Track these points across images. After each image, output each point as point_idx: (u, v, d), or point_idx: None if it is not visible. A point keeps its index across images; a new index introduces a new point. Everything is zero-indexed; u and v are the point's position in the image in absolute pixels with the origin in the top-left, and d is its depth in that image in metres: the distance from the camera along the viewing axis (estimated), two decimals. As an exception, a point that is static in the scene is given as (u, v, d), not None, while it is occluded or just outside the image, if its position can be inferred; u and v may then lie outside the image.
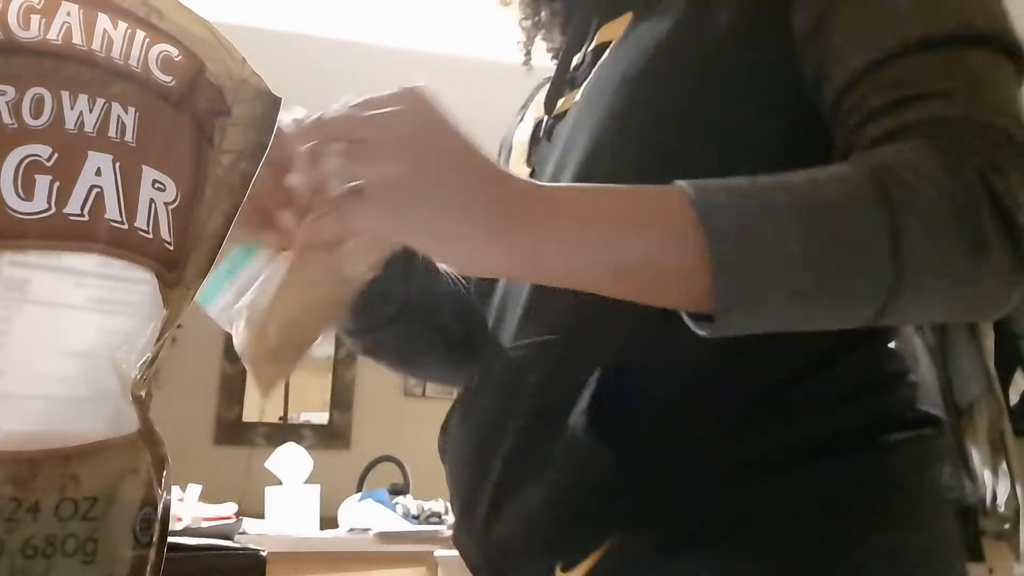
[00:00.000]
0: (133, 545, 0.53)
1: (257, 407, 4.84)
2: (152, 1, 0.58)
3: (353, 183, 0.57)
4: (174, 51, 0.58)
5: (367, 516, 2.66)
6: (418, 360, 1.04)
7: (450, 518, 2.71)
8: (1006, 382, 3.18)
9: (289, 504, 2.67)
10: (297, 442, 2.89)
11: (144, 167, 0.55)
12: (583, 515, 0.73)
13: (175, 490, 1.83)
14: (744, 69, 0.71)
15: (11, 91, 0.51)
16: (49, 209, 0.51)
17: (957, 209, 0.59)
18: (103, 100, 0.54)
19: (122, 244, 0.54)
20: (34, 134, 0.51)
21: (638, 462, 0.70)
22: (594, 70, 0.82)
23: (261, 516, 2.65)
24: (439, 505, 2.78)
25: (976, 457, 3.05)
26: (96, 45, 0.55)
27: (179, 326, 0.60)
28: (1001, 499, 2.99)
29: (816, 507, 0.72)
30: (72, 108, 0.53)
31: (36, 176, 0.51)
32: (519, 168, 0.90)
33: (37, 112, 0.52)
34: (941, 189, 0.58)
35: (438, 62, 2.93)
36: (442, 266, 0.65)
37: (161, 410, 0.66)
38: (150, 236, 0.55)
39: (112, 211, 0.53)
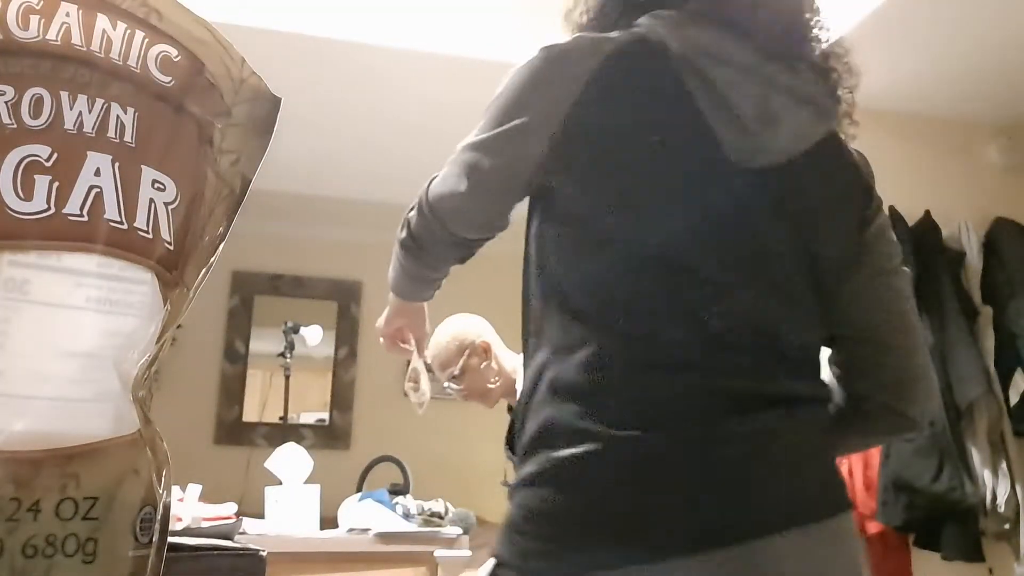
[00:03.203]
0: (133, 545, 0.53)
1: (257, 407, 4.85)
2: (151, 1, 0.57)
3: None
4: (173, 51, 0.58)
5: (367, 516, 2.65)
6: None
7: (450, 518, 2.71)
8: (1006, 382, 3.18)
9: (289, 504, 2.66)
10: (297, 442, 2.88)
11: (144, 167, 0.55)
12: None
13: (175, 490, 1.83)
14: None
15: (10, 91, 0.51)
16: (48, 209, 0.51)
17: None
18: (102, 100, 0.54)
19: (122, 244, 0.54)
20: (33, 134, 0.51)
21: None
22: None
23: (261, 516, 2.64)
24: (439, 505, 2.78)
25: (976, 457, 3.05)
26: (95, 46, 0.54)
27: (179, 326, 0.60)
28: (1001, 499, 2.99)
29: None
30: (71, 108, 0.53)
31: (35, 176, 0.51)
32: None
33: (36, 112, 0.52)
34: None
35: (438, 62, 2.94)
36: None
37: (161, 410, 0.66)
38: (150, 236, 0.55)
39: (111, 211, 0.53)
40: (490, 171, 0.96)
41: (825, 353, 1.04)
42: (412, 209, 1.05)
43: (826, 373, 1.04)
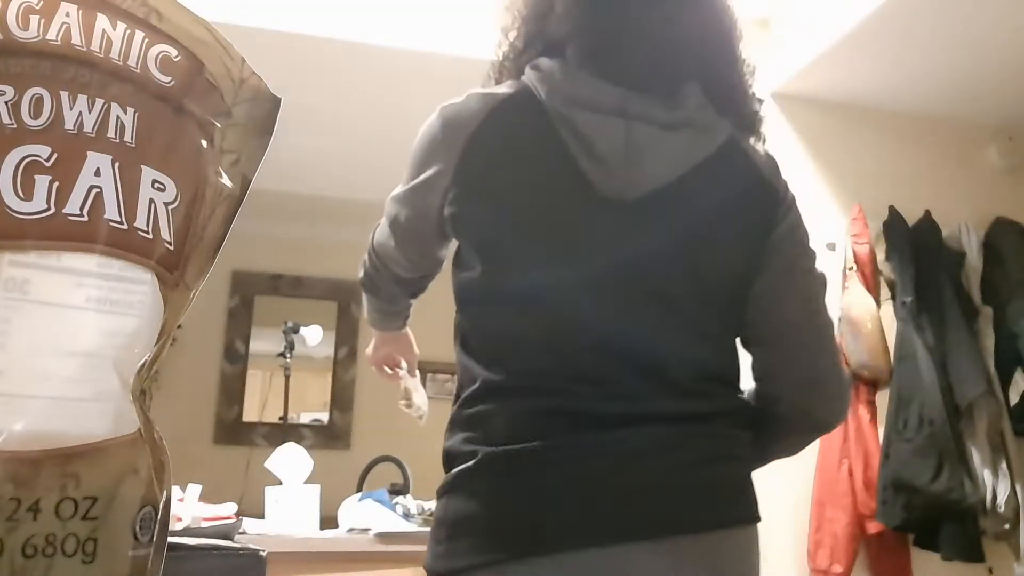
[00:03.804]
0: (133, 545, 0.53)
1: (257, 407, 4.85)
2: (151, 2, 0.58)
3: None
4: (173, 51, 0.58)
5: (367, 516, 2.65)
6: None
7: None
8: (1006, 382, 3.17)
9: (289, 504, 2.66)
10: (297, 442, 2.88)
11: (144, 167, 0.55)
12: None
13: (175, 490, 1.83)
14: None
15: (10, 91, 0.51)
16: (48, 209, 0.51)
17: None
18: (102, 100, 0.54)
19: (122, 244, 0.54)
20: (33, 134, 0.51)
21: None
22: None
23: (261, 516, 2.64)
24: (439, 505, 2.79)
25: (976, 457, 3.06)
26: (95, 46, 0.55)
27: (179, 326, 0.60)
28: (1001, 499, 2.99)
29: None
30: (71, 108, 0.53)
31: (35, 176, 0.51)
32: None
33: (36, 112, 0.52)
34: None
35: (439, 62, 2.93)
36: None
37: (161, 410, 0.66)
38: (150, 236, 0.55)
39: (111, 211, 0.53)
40: (405, 223, 1.10)
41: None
42: (366, 252, 1.23)
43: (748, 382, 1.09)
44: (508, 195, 1.00)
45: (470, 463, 0.94)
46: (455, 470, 0.97)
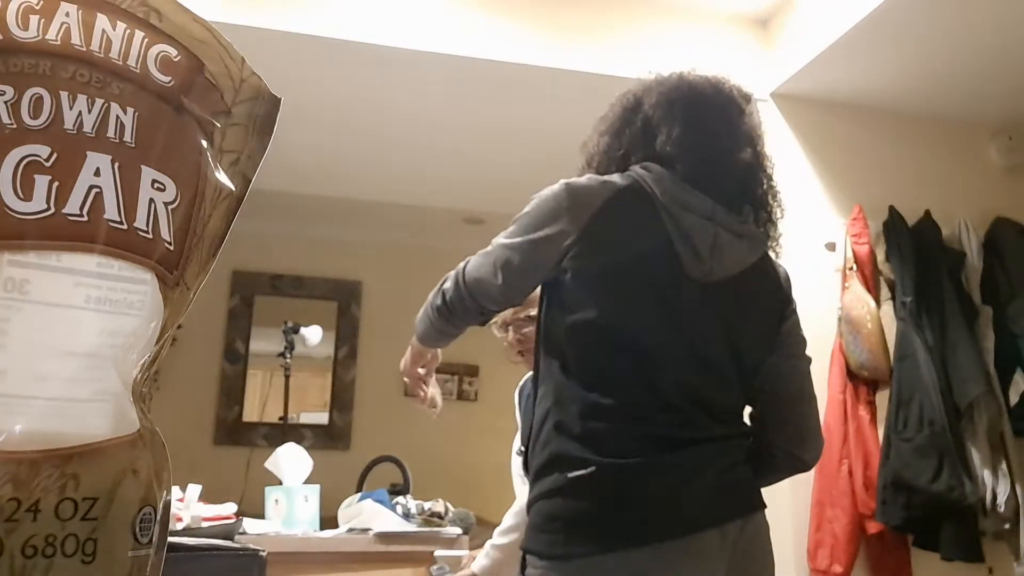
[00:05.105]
0: (133, 545, 0.53)
1: (257, 407, 4.85)
2: (151, 1, 0.57)
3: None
4: (173, 51, 0.58)
5: (367, 516, 2.65)
6: None
7: (450, 518, 2.70)
8: (1006, 382, 3.17)
9: (289, 504, 2.66)
10: (297, 442, 2.88)
11: (143, 167, 0.55)
12: None
13: (175, 490, 1.83)
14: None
15: (10, 91, 0.51)
16: (48, 209, 0.51)
17: None
18: (102, 100, 0.54)
19: (121, 244, 0.54)
20: (33, 134, 0.51)
21: None
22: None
23: (261, 516, 2.64)
24: (439, 505, 2.78)
25: (976, 457, 3.05)
26: (95, 45, 0.54)
27: (180, 326, 0.60)
28: (1001, 499, 2.99)
29: None
30: (71, 108, 0.53)
31: (35, 176, 0.51)
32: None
33: (36, 112, 0.52)
34: None
35: (438, 61, 2.93)
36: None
37: (161, 410, 0.66)
38: (150, 236, 0.55)
39: (111, 211, 0.53)
40: (518, 267, 1.34)
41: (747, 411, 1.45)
42: (447, 281, 1.44)
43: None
44: (623, 261, 1.30)
45: (587, 470, 1.21)
46: (570, 475, 1.23)
